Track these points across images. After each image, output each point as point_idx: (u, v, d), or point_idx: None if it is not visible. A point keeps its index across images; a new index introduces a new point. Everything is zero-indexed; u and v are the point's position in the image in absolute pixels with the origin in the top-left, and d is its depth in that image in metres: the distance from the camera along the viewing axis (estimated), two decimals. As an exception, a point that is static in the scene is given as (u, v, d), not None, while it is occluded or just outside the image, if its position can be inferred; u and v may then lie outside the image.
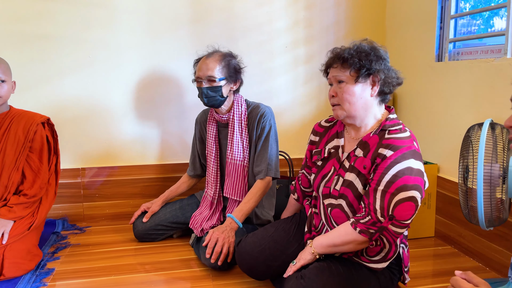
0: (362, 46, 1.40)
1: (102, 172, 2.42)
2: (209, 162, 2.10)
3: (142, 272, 1.84)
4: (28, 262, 1.78)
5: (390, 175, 1.30)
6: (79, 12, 2.27)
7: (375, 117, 1.44)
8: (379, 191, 1.31)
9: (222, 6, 2.40)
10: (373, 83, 1.39)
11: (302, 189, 1.73)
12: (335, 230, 1.42)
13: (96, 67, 2.34)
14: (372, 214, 1.32)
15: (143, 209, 2.15)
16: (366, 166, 1.38)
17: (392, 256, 1.42)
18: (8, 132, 1.88)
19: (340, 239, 1.38)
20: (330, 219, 1.48)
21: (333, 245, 1.40)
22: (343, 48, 1.43)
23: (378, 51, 1.40)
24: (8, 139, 1.87)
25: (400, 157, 1.31)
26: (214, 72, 1.92)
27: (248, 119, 2.01)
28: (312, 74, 2.56)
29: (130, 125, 2.43)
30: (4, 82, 1.82)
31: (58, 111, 2.33)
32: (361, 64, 1.36)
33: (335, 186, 1.45)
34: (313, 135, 1.63)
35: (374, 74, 1.38)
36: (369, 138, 1.41)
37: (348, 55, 1.38)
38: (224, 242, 1.76)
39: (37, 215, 1.90)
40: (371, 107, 1.41)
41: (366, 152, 1.40)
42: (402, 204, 1.28)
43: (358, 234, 1.34)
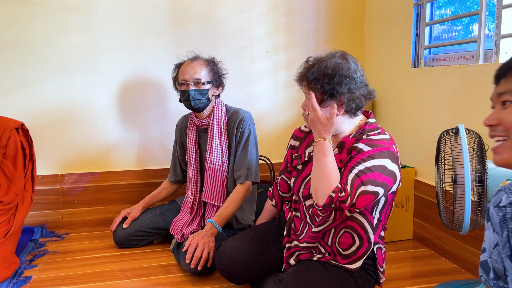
0: (328, 66, 1.38)
1: (82, 178, 2.40)
2: (189, 167, 2.10)
3: (122, 278, 1.83)
4: (5, 270, 1.75)
5: (364, 166, 1.31)
6: (57, 16, 2.25)
7: (350, 124, 1.46)
8: (353, 174, 1.31)
9: (203, 12, 2.41)
10: (339, 103, 1.39)
11: (281, 195, 1.74)
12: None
13: (75, 72, 2.32)
14: (345, 194, 1.30)
15: (123, 215, 2.14)
16: (342, 160, 1.39)
17: (365, 252, 1.43)
18: None
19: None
20: (313, 219, 1.49)
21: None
22: (312, 63, 1.42)
23: (346, 70, 1.38)
24: None
25: (377, 154, 1.33)
26: (201, 75, 1.94)
27: (228, 124, 2.02)
28: (293, 80, 2.57)
29: (110, 131, 2.42)
30: None
31: (36, 116, 2.30)
32: (324, 90, 1.36)
33: None
34: (293, 140, 1.65)
35: (338, 97, 1.38)
36: (347, 139, 1.44)
37: (312, 78, 1.38)
38: (204, 247, 1.76)
39: (13, 222, 1.87)
40: (341, 122, 1.43)
41: (341, 149, 1.42)
42: (365, 196, 1.28)
43: (326, 196, 1.30)
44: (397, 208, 2.16)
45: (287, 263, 1.53)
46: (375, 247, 1.47)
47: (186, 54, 2.08)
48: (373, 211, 1.43)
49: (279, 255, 1.60)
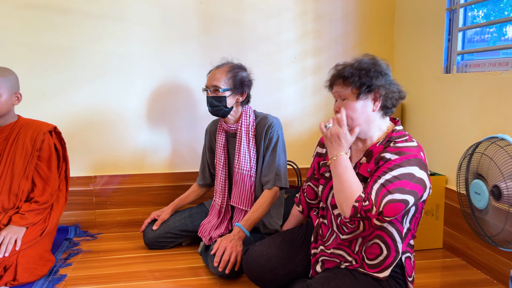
0: (363, 62, 1.42)
1: (114, 180, 2.47)
2: (217, 171, 2.14)
3: (151, 279, 1.87)
4: (41, 268, 1.83)
5: (391, 175, 1.32)
6: (93, 24, 2.33)
7: (379, 129, 1.47)
8: (378, 183, 1.32)
9: (232, 18, 2.45)
10: (375, 99, 1.42)
11: (308, 201, 1.75)
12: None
13: (109, 77, 2.40)
14: (370, 202, 1.30)
15: (153, 217, 2.19)
16: (370, 169, 1.40)
17: (392, 262, 1.42)
18: (16, 142, 1.93)
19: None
20: (341, 228, 1.49)
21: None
22: (344, 65, 1.45)
23: (379, 67, 1.42)
24: (16, 149, 1.92)
25: (404, 162, 1.33)
26: (219, 83, 1.98)
27: (256, 130, 2.04)
28: (321, 85, 2.54)
29: (141, 134, 2.48)
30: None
31: (71, 120, 2.39)
32: (362, 82, 1.39)
33: None
34: (320, 147, 1.66)
35: (375, 90, 1.41)
36: (375, 147, 1.44)
37: (349, 74, 1.41)
38: (231, 251, 1.79)
39: (48, 221, 1.95)
40: (374, 121, 1.45)
41: (369, 158, 1.42)
42: (393, 204, 1.28)
43: (350, 207, 1.32)
44: (427, 216, 2.13)
45: (314, 270, 1.53)
46: (404, 256, 1.46)
47: (219, 60, 2.11)
48: (403, 220, 1.42)
49: (307, 261, 1.61)
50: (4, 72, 1.87)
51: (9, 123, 1.94)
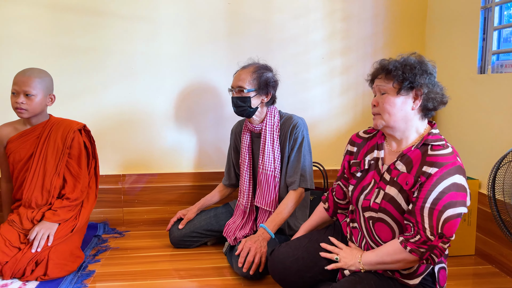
0: (409, 59, 1.40)
1: (142, 179, 2.51)
2: (242, 171, 2.14)
3: (177, 278, 1.89)
4: (71, 264, 1.88)
5: (436, 192, 1.30)
6: (123, 25, 2.38)
7: (417, 131, 1.43)
8: (426, 208, 1.30)
9: (259, 19, 2.44)
10: (416, 97, 1.39)
11: (335, 200, 1.72)
12: (384, 248, 1.40)
13: (137, 77, 2.44)
14: (422, 233, 1.30)
15: (179, 216, 2.22)
16: (408, 182, 1.37)
17: (423, 271, 1.39)
18: (48, 140, 1.99)
19: (389, 258, 1.37)
20: (372, 232, 1.47)
21: (382, 262, 1.40)
22: (389, 60, 1.44)
23: (425, 65, 1.40)
24: (48, 147, 1.98)
25: (445, 174, 1.31)
26: (244, 83, 1.98)
27: (281, 130, 2.03)
28: (349, 85, 2.55)
29: (169, 134, 2.51)
30: (32, 96, 1.90)
31: (101, 119, 2.44)
32: (404, 77, 1.37)
33: (375, 199, 1.45)
34: (351, 146, 1.63)
35: (417, 87, 1.38)
36: (411, 151, 1.40)
37: (393, 67, 1.39)
38: (256, 252, 1.78)
39: (79, 218, 2.00)
40: (411, 120, 1.41)
41: (410, 168, 1.39)
42: (451, 222, 1.28)
43: (409, 253, 1.33)
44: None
45: (342, 273, 1.50)
46: (438, 266, 1.41)
47: (246, 60, 2.11)
48: None
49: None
50: (40, 74, 1.94)
51: (41, 122, 2.00)
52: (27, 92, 1.87)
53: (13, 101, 1.89)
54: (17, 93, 1.88)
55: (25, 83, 1.87)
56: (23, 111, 1.89)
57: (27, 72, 1.91)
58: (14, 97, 1.89)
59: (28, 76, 1.88)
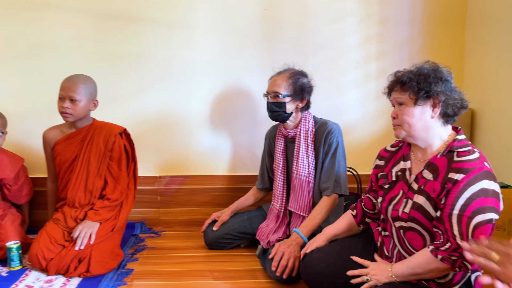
0: (423, 68, 1.41)
1: (177, 180, 2.58)
2: (276, 176, 2.16)
3: (211, 279, 1.94)
4: (111, 261, 1.96)
5: (464, 198, 1.28)
6: (162, 32, 2.45)
7: (440, 138, 1.43)
8: (455, 215, 1.29)
9: (295, 24, 2.46)
10: (434, 105, 1.39)
11: (364, 209, 1.71)
12: (415, 258, 1.39)
13: (175, 82, 2.51)
14: (452, 240, 1.29)
15: (214, 218, 2.26)
16: (435, 190, 1.36)
17: (460, 280, 1.37)
18: (91, 143, 2.08)
19: (421, 268, 1.36)
20: (404, 241, 1.46)
21: (414, 274, 1.39)
22: (404, 71, 1.45)
23: (440, 73, 1.40)
24: (91, 150, 2.08)
25: (472, 180, 1.29)
26: (280, 89, 2.00)
27: (315, 136, 2.04)
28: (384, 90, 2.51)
29: (204, 137, 2.57)
30: (77, 101, 1.99)
31: (139, 123, 2.52)
32: (420, 87, 1.38)
33: (403, 209, 1.44)
34: (378, 160, 1.65)
35: (434, 96, 1.38)
36: (437, 159, 1.40)
37: (407, 79, 1.40)
38: (289, 256, 1.80)
39: (119, 218, 2.09)
40: (432, 128, 1.41)
41: (436, 175, 1.38)
42: (481, 228, 1.26)
43: (440, 262, 1.32)
44: (498, 231, 1.99)
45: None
46: (474, 274, 1.39)
47: (281, 66, 2.12)
48: None
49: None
50: (85, 80, 2.03)
51: (85, 126, 2.10)
52: (72, 97, 1.97)
53: (60, 106, 2.00)
54: (63, 98, 1.98)
55: (71, 89, 1.97)
56: (68, 116, 1.99)
57: (73, 78, 2.01)
58: (60, 102, 2.00)
59: (73, 82, 1.98)
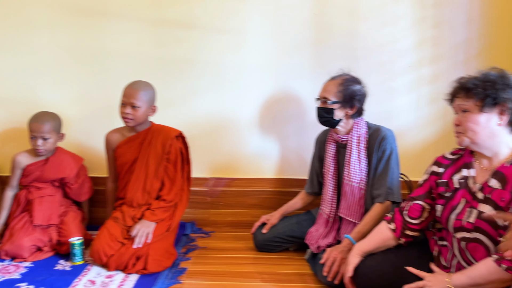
0: (489, 75, 1.37)
1: (226, 182, 2.64)
2: (326, 181, 2.16)
3: (260, 281, 1.97)
4: (166, 260, 2.04)
5: None
6: (214, 37, 2.51)
7: (507, 146, 1.39)
8: None
9: (346, 28, 2.45)
10: (501, 112, 1.36)
11: (406, 220, 1.65)
12: (476, 269, 1.35)
13: (225, 87, 2.56)
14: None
15: (263, 220, 2.30)
16: (504, 199, 1.33)
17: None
18: (149, 145, 2.18)
19: (483, 279, 1.32)
20: (464, 252, 1.43)
21: (475, 285, 1.34)
22: (468, 77, 1.41)
23: (508, 79, 1.36)
24: (150, 152, 2.17)
25: None
26: (329, 95, 2.00)
27: (368, 142, 2.02)
28: (438, 95, 2.46)
29: (253, 140, 2.61)
30: (138, 107, 2.08)
31: (191, 126, 2.59)
32: (486, 94, 1.34)
33: (467, 218, 1.41)
34: (436, 167, 1.61)
35: (501, 103, 1.34)
36: (505, 168, 1.36)
37: (472, 85, 1.37)
38: (341, 262, 1.80)
39: (173, 218, 2.17)
40: (499, 136, 1.38)
41: (504, 184, 1.34)
42: None
43: (505, 272, 1.27)
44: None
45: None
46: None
47: (337, 71, 2.11)
48: None
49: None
50: (145, 87, 2.13)
51: (144, 129, 2.20)
52: (133, 104, 2.07)
53: (122, 111, 2.11)
54: (125, 104, 2.09)
55: (132, 95, 2.07)
56: (129, 121, 2.10)
57: (134, 85, 2.11)
58: (122, 108, 2.11)
59: (135, 89, 2.08)
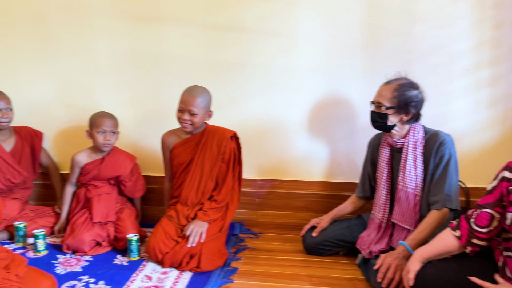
0: None
1: (275, 184, 2.65)
2: (379, 186, 2.13)
3: (309, 284, 1.97)
4: (218, 259, 2.09)
5: None
6: (265, 41, 2.53)
7: None
8: None
9: (400, 30, 2.40)
10: None
11: (473, 228, 1.58)
12: None
13: (275, 90, 2.58)
14: None
15: (313, 223, 2.30)
16: None
17: None
18: (205, 146, 2.24)
19: None
20: None
21: None
22: None
23: None
24: (205, 153, 2.23)
25: None
26: (384, 100, 1.96)
27: (425, 147, 1.97)
28: (497, 98, 2.36)
29: (302, 143, 2.61)
30: (195, 114, 2.15)
31: (242, 127, 2.60)
32: None
33: None
34: (508, 172, 1.53)
35: None
36: None
37: None
38: (396, 269, 1.77)
39: (225, 219, 2.22)
40: None
41: None
42: None
43: None
44: None
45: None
46: None
47: (394, 74, 2.06)
48: None
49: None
50: (203, 93, 2.19)
51: (199, 131, 2.26)
52: (191, 111, 2.14)
53: (179, 117, 2.17)
54: (183, 110, 2.15)
55: (190, 103, 2.13)
56: (188, 126, 2.17)
57: (192, 92, 2.17)
58: (180, 113, 2.17)
59: (192, 96, 2.14)
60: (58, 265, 2.12)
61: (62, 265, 2.13)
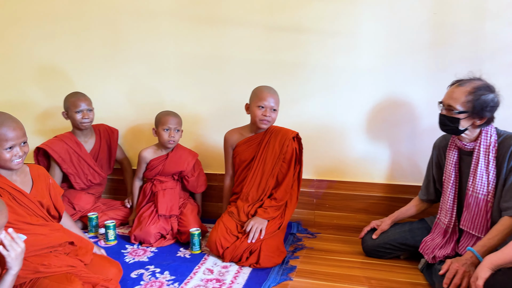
0: None
1: (333, 185, 2.64)
2: (445, 189, 2.05)
3: (368, 286, 1.95)
4: (277, 257, 2.12)
5: None
6: (325, 41, 2.53)
7: None
8: None
9: (469, 28, 2.30)
10: None
11: None
12: None
13: (335, 90, 2.57)
14: None
15: (373, 225, 2.26)
16: None
17: None
18: (267, 145, 2.29)
19: None
20: None
21: None
22: None
23: None
24: (267, 152, 2.27)
25: None
26: (456, 104, 1.85)
27: (498, 151, 1.87)
28: None
29: (361, 144, 2.58)
30: (276, 111, 2.26)
31: (301, 128, 2.62)
32: None
33: None
34: None
35: None
36: None
37: None
38: (464, 276, 1.70)
39: (284, 217, 2.25)
40: None
41: None
42: None
43: None
44: None
45: None
46: None
47: (467, 73, 1.96)
48: None
49: None
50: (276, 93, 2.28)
51: (262, 131, 2.32)
52: (274, 108, 2.24)
53: (262, 114, 2.23)
54: (265, 107, 2.23)
55: (278, 100, 2.27)
56: (268, 123, 2.26)
57: (270, 89, 2.27)
58: (260, 110, 2.23)
59: (272, 93, 2.26)
60: (126, 255, 2.27)
61: (130, 254, 2.27)
